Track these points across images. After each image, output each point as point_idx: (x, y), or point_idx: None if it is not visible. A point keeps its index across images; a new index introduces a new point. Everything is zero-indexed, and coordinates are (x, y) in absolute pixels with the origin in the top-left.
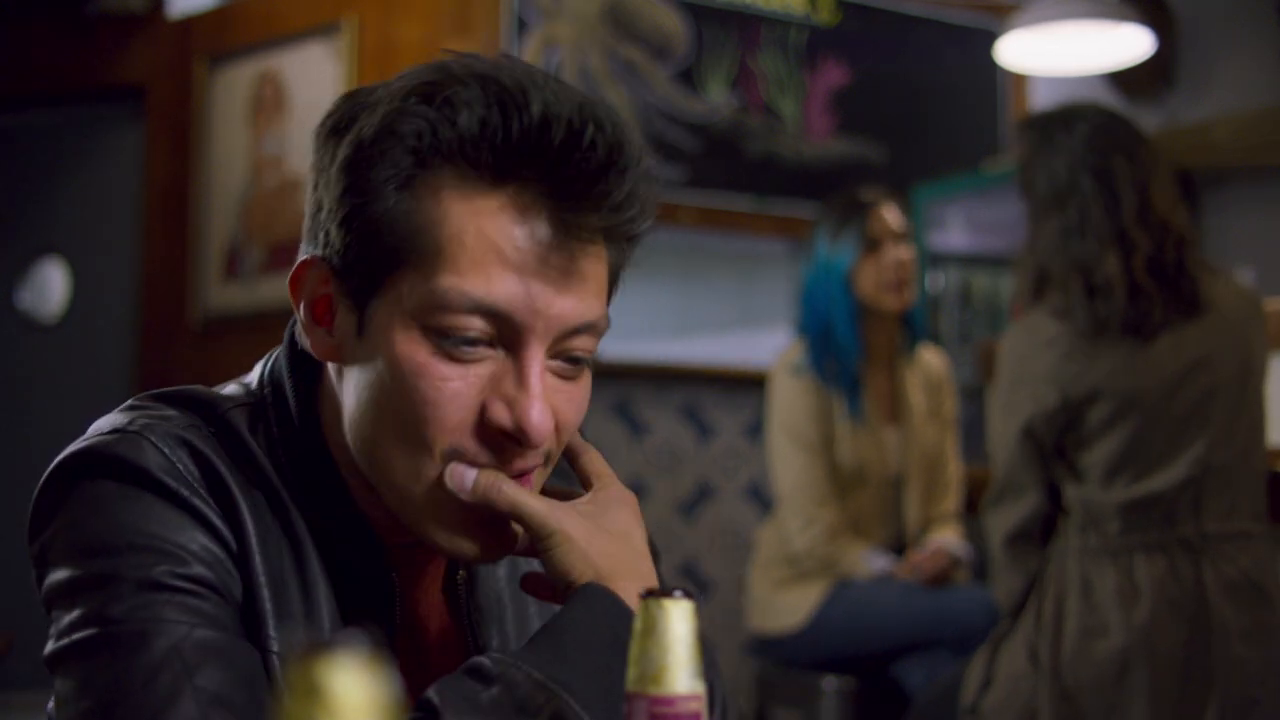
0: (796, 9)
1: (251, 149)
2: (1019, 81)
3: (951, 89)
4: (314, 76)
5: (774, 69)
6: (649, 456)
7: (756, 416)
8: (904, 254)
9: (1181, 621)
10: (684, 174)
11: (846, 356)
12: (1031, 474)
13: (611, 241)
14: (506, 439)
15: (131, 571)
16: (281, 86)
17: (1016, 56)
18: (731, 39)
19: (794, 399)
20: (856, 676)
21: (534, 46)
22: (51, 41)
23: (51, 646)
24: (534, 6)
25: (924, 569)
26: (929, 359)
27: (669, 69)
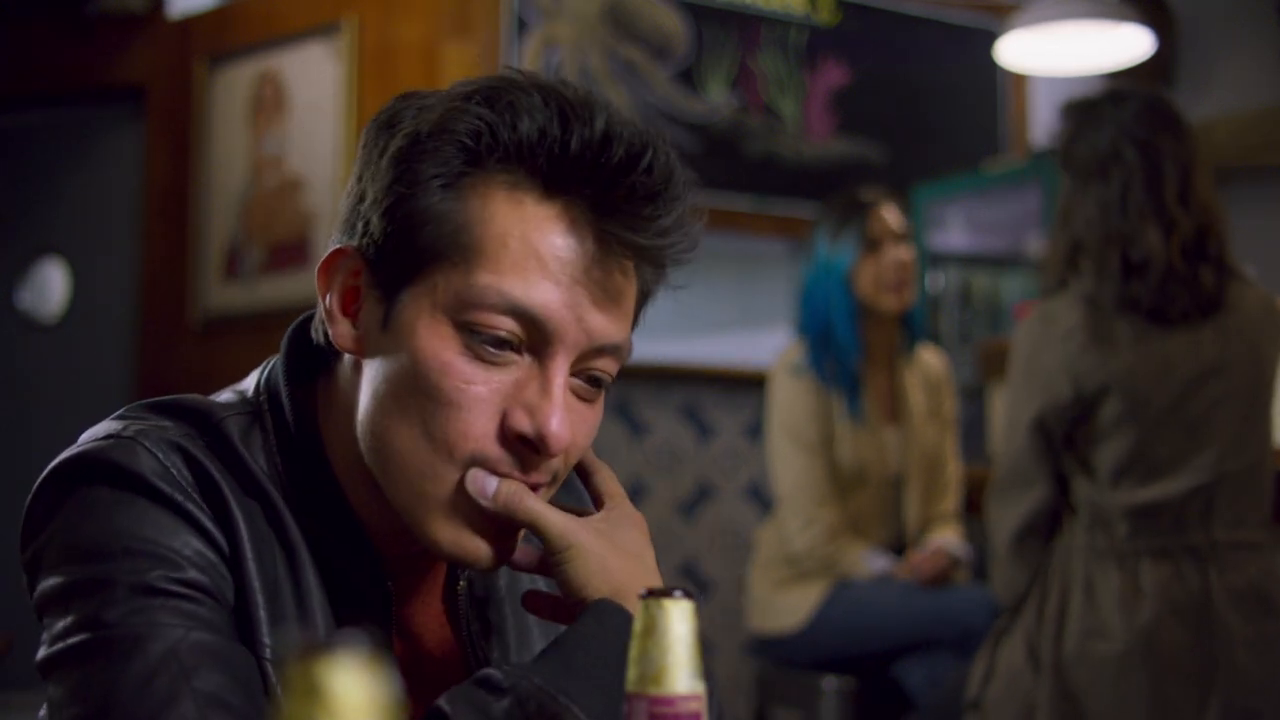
0: (796, 9)
1: (251, 149)
2: (1019, 81)
3: (951, 89)
4: (314, 76)
5: (774, 69)
6: (649, 456)
7: (756, 416)
8: (904, 254)
9: (1184, 627)
10: None
11: (846, 356)
12: (1041, 466)
13: (650, 266)
14: (525, 447)
15: (126, 576)
16: (281, 86)
17: (1016, 56)
18: (731, 39)
19: (794, 399)
20: (856, 676)
21: (534, 46)
22: (51, 41)
23: (44, 652)
24: (534, 6)
25: (924, 569)
26: (929, 359)
27: (669, 69)
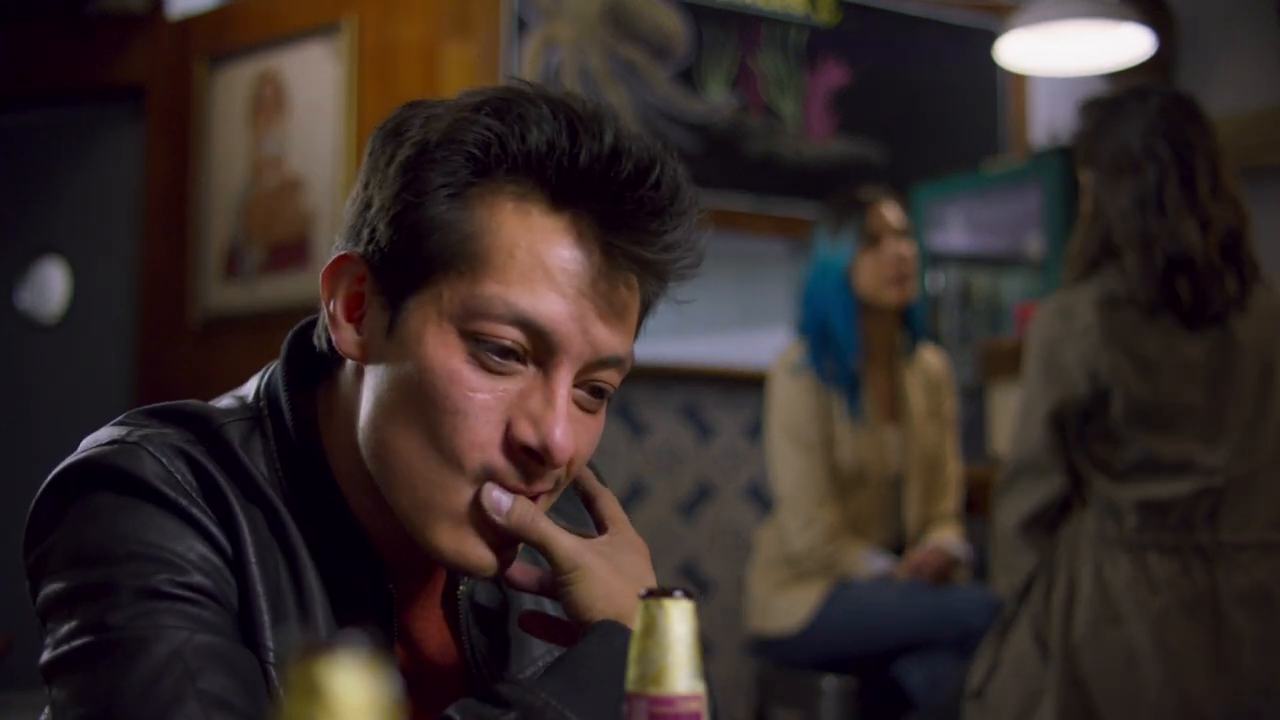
0: (796, 9)
1: (251, 149)
2: (1019, 81)
3: (951, 89)
4: (314, 76)
5: (774, 69)
6: (649, 456)
7: (756, 416)
8: (904, 249)
9: (1193, 622)
10: None
11: (845, 354)
12: (1056, 459)
13: (654, 280)
14: (529, 457)
15: (130, 580)
16: (281, 86)
17: (1016, 56)
18: (731, 39)
19: (794, 399)
20: (856, 676)
21: (534, 46)
22: (51, 41)
23: (48, 655)
24: (534, 6)
25: (923, 569)
26: (929, 359)
27: (669, 69)
